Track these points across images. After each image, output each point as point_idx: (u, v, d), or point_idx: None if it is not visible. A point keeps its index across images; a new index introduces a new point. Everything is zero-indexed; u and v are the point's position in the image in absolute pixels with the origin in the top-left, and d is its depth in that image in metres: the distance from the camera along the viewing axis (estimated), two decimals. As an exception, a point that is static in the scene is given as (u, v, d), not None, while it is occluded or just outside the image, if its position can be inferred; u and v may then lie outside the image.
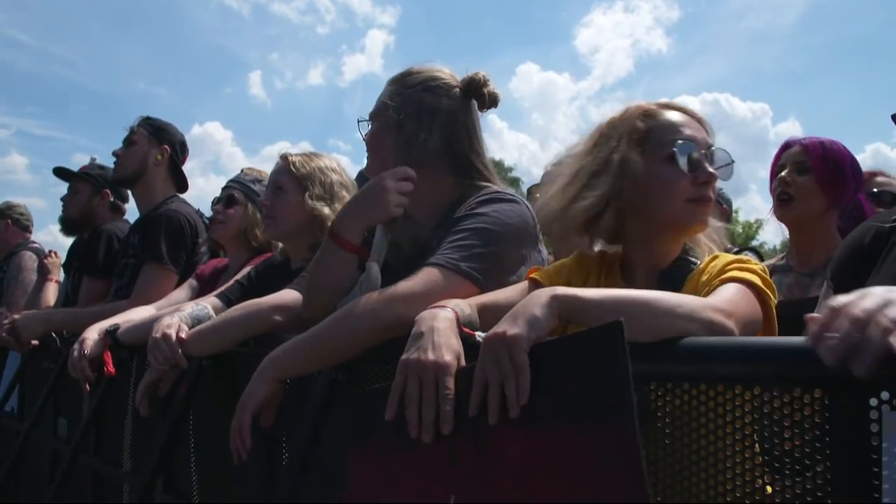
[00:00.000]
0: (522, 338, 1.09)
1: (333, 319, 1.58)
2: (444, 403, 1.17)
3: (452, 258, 1.57)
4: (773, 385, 0.99)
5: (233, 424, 1.62)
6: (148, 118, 3.43)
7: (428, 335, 1.25)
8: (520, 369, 1.07)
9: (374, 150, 1.87)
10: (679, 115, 1.53)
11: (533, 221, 1.73)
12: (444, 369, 1.19)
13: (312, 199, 2.32)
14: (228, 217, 2.89)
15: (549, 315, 1.14)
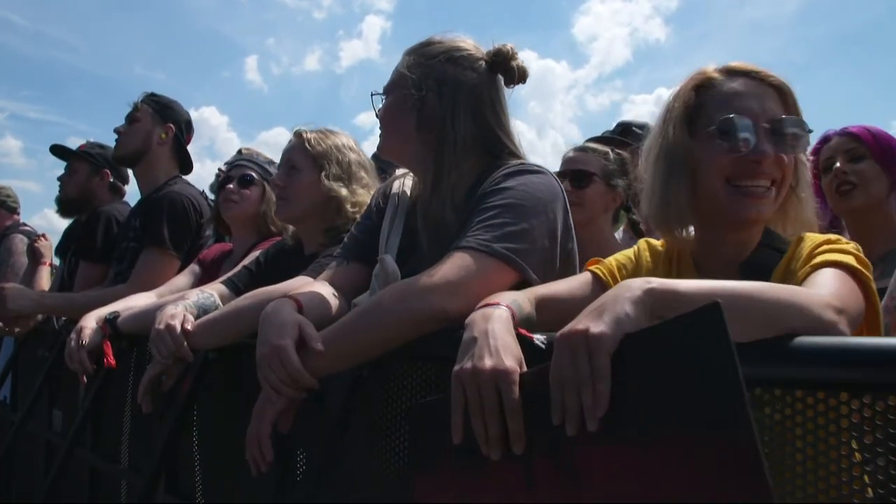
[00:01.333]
0: (608, 338, 0.92)
1: (359, 315, 1.40)
2: (511, 417, 1.00)
3: (484, 239, 1.41)
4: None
5: (249, 432, 1.45)
6: (153, 94, 3.25)
7: (482, 339, 1.08)
8: (599, 374, 0.91)
9: (390, 127, 1.70)
10: (740, 83, 1.33)
11: (562, 191, 1.58)
12: (505, 377, 1.02)
13: (329, 179, 2.14)
14: (244, 197, 2.70)
15: (641, 313, 0.96)
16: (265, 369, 1.37)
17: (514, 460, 1.01)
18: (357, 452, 1.47)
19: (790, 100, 1.31)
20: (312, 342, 1.36)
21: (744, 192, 1.29)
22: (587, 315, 0.97)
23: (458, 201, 1.58)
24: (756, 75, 1.33)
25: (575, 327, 0.95)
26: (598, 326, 0.93)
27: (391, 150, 1.72)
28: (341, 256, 1.78)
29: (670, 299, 0.98)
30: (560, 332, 0.97)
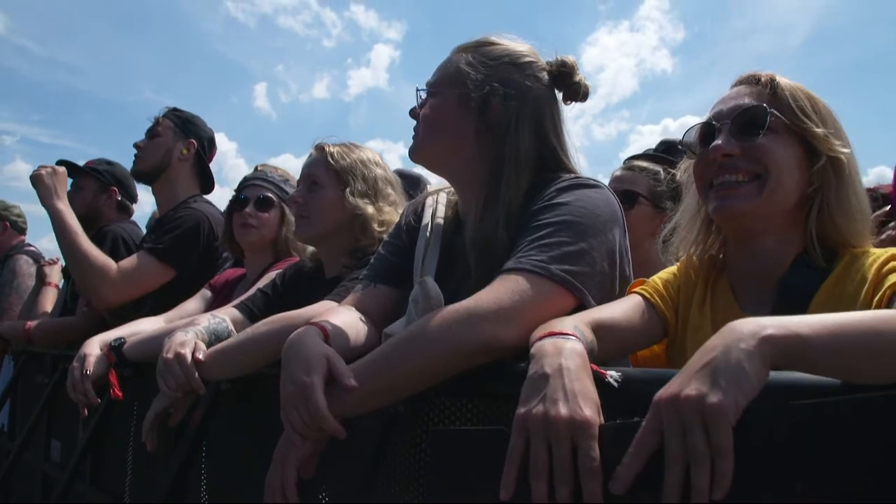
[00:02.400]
0: (729, 409, 0.75)
1: (398, 345, 1.23)
2: (588, 477, 0.83)
3: (539, 260, 1.25)
4: None
5: (270, 480, 1.27)
6: (175, 109, 3.14)
7: (556, 379, 0.92)
8: (721, 452, 0.74)
9: (440, 127, 1.52)
10: (730, 92, 1.32)
11: (620, 209, 1.43)
12: (584, 429, 0.86)
13: (354, 195, 1.99)
14: (263, 222, 2.52)
15: (760, 367, 0.80)
16: (289, 410, 1.21)
17: None
18: (388, 497, 1.30)
19: (781, 93, 1.24)
20: (344, 378, 1.19)
21: (716, 189, 1.25)
22: (696, 376, 0.80)
23: (512, 219, 1.42)
24: (745, 80, 1.31)
25: (685, 392, 0.78)
26: (716, 394, 0.76)
27: (434, 153, 1.54)
28: (368, 279, 1.62)
29: (795, 346, 0.82)
30: (662, 396, 0.80)
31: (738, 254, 1.31)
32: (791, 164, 1.21)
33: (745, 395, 0.77)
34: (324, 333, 1.33)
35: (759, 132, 1.21)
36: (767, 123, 1.20)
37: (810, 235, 1.22)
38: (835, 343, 0.81)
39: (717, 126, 1.25)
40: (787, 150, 1.21)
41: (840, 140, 1.23)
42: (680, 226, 1.37)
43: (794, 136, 1.22)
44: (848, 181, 1.22)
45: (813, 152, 1.22)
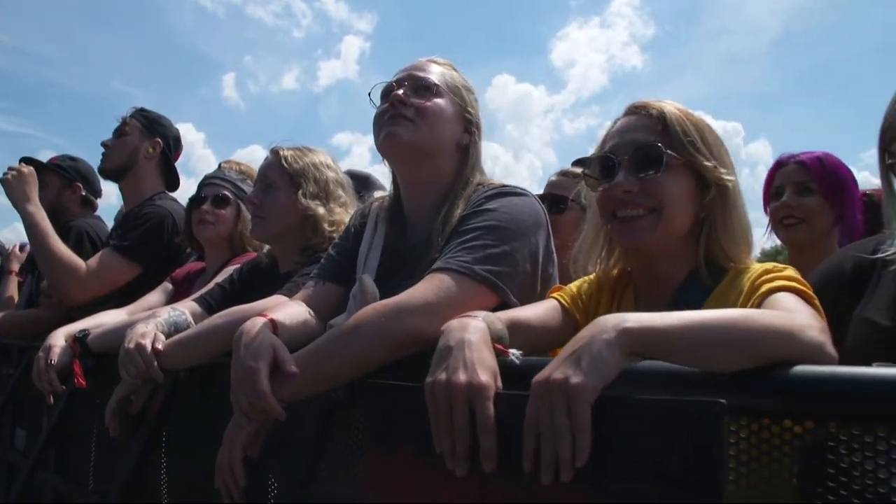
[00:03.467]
0: (587, 388, 0.90)
1: (335, 337, 1.37)
2: (483, 435, 0.99)
3: (464, 261, 1.40)
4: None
5: (220, 458, 1.41)
6: (142, 110, 3.24)
7: (458, 350, 1.06)
8: (580, 428, 0.89)
9: (442, 124, 1.66)
10: (622, 122, 1.42)
11: (545, 216, 1.59)
12: (480, 392, 1.00)
13: (306, 197, 2.11)
14: (219, 218, 2.64)
15: (618, 355, 0.94)
16: (237, 393, 1.34)
17: (472, 476, 1.00)
18: (332, 479, 1.43)
19: (671, 127, 1.34)
20: (287, 365, 1.33)
21: (620, 222, 1.36)
22: (565, 362, 0.94)
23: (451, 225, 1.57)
24: (636, 111, 1.40)
25: (553, 376, 0.93)
26: (577, 376, 0.91)
27: (425, 145, 1.65)
28: (317, 276, 1.75)
29: (648, 336, 0.96)
30: (537, 380, 0.95)
31: (639, 272, 1.44)
32: (684, 196, 1.33)
33: (603, 378, 0.91)
34: (272, 325, 1.45)
35: (656, 170, 1.31)
36: (663, 162, 1.31)
37: (701, 256, 1.35)
38: (686, 336, 0.95)
39: (615, 160, 1.36)
40: (680, 185, 1.33)
41: (726, 168, 1.36)
42: (585, 242, 1.48)
43: (687, 169, 1.33)
44: (732, 207, 1.35)
45: (703, 182, 1.34)
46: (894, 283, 1.37)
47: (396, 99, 1.63)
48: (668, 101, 1.38)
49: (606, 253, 1.47)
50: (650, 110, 1.36)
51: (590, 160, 1.42)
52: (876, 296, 1.39)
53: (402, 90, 1.64)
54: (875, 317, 1.32)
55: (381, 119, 1.65)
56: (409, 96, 1.64)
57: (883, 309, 1.33)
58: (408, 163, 1.69)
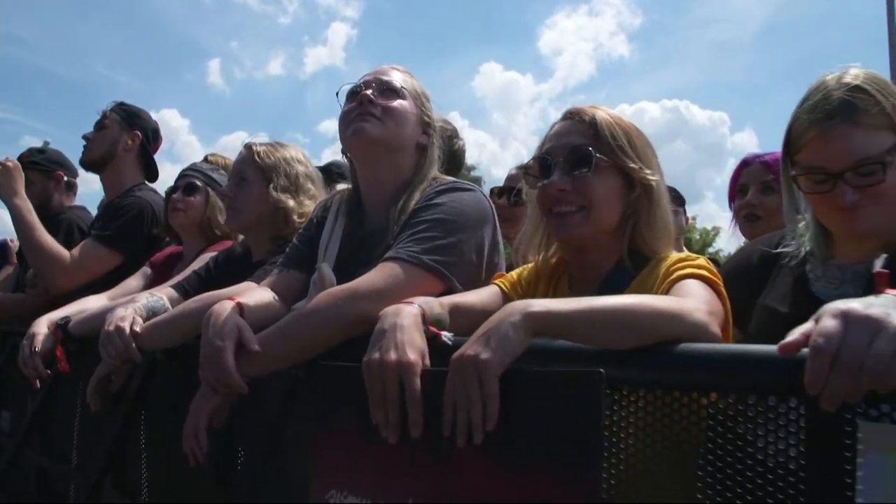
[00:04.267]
0: (494, 363, 1.05)
1: (293, 319, 1.52)
2: (411, 406, 1.14)
3: (413, 251, 1.54)
4: (751, 393, 0.98)
5: (186, 427, 1.55)
6: (122, 103, 3.35)
7: (390, 333, 1.21)
8: (489, 397, 1.04)
9: (406, 124, 1.81)
10: (558, 126, 1.55)
11: (491, 210, 1.73)
12: (408, 369, 1.15)
13: (277, 190, 2.25)
14: (189, 205, 2.80)
15: (522, 335, 1.09)
16: (205, 368, 1.48)
17: (402, 442, 1.16)
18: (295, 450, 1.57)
19: (601, 132, 1.47)
20: (250, 344, 1.47)
21: (554, 217, 1.50)
22: (477, 340, 1.09)
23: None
24: (571, 116, 1.54)
25: (466, 352, 1.07)
26: (486, 353, 1.06)
27: (389, 143, 1.78)
28: (282, 264, 1.89)
29: (549, 319, 1.10)
30: (454, 357, 1.09)
31: (572, 261, 1.58)
32: (612, 195, 1.47)
33: (509, 354, 1.06)
34: (240, 308, 1.58)
35: (586, 171, 1.45)
36: (592, 163, 1.45)
37: (625, 248, 1.50)
38: (584, 318, 1.10)
39: (551, 162, 1.49)
40: (608, 184, 1.46)
41: (651, 169, 1.50)
42: (526, 234, 1.62)
43: (615, 170, 1.47)
44: (656, 205, 1.50)
45: (630, 181, 1.48)
46: (792, 275, 1.52)
47: (365, 98, 1.76)
48: (600, 108, 1.52)
49: (545, 244, 1.60)
50: (583, 116, 1.50)
51: (529, 161, 1.56)
52: (776, 286, 1.54)
53: (371, 91, 1.78)
54: (774, 304, 1.47)
55: (349, 117, 1.78)
56: (376, 97, 1.77)
57: (781, 297, 1.48)
58: (371, 158, 1.81)
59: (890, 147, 1.32)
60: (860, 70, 1.38)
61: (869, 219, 1.35)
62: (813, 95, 1.39)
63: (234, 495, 1.65)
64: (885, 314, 0.83)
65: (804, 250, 1.52)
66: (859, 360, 0.81)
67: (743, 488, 0.97)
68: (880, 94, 1.33)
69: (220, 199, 2.73)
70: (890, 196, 1.34)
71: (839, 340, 0.82)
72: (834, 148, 1.34)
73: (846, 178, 1.34)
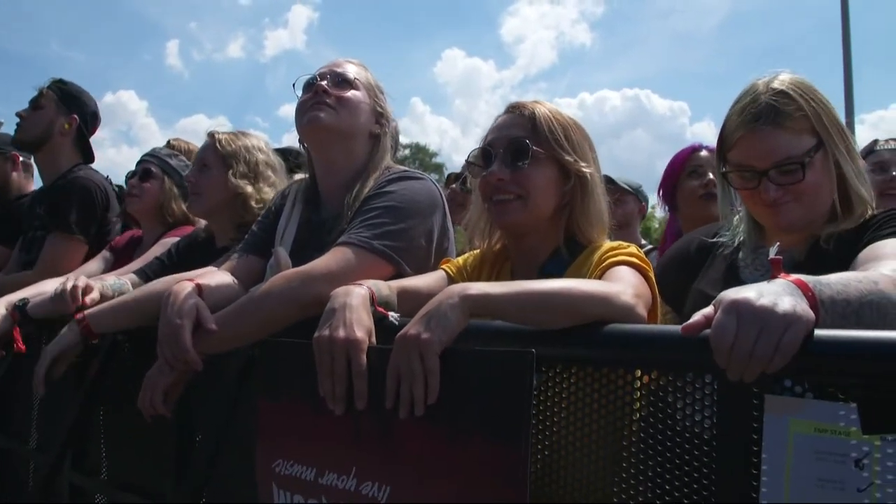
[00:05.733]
0: (434, 342, 1.13)
1: (249, 300, 1.58)
2: (357, 380, 1.21)
3: (364, 236, 1.62)
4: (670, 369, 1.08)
5: (141, 400, 1.61)
6: (60, 81, 3.23)
7: (340, 312, 1.29)
8: (430, 372, 1.13)
9: (359, 114, 1.88)
10: (501, 119, 1.64)
11: (441, 198, 1.81)
12: (355, 346, 1.23)
13: (236, 176, 2.31)
14: (144, 191, 2.83)
15: (460, 316, 1.17)
16: (163, 344, 1.54)
17: (347, 415, 1.23)
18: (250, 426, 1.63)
19: (539, 126, 1.56)
20: (207, 323, 1.54)
21: (494, 204, 1.58)
22: (419, 321, 1.17)
23: None
24: (513, 110, 1.63)
25: (409, 332, 1.16)
26: (426, 332, 1.14)
27: (343, 132, 1.85)
28: (241, 250, 1.95)
29: (485, 301, 1.19)
30: (398, 336, 1.17)
31: (512, 248, 1.67)
32: (548, 185, 1.56)
33: (447, 333, 1.15)
34: (199, 289, 1.64)
35: (524, 162, 1.54)
36: (529, 155, 1.53)
37: (562, 236, 1.59)
38: (516, 301, 1.19)
39: (493, 152, 1.57)
40: (544, 175, 1.55)
41: (586, 161, 1.58)
42: (471, 221, 1.70)
43: (551, 161, 1.56)
44: (590, 195, 1.59)
45: (565, 172, 1.57)
46: (724, 262, 1.62)
47: (320, 89, 1.84)
48: (540, 103, 1.61)
49: (489, 231, 1.68)
50: (524, 110, 1.59)
51: (473, 152, 1.64)
52: (710, 271, 1.64)
53: (325, 82, 1.85)
54: (707, 289, 1.56)
55: (304, 106, 1.85)
56: (330, 87, 1.84)
57: (713, 282, 1.57)
58: (326, 145, 1.89)
59: (810, 148, 1.43)
60: (788, 75, 1.48)
61: (790, 213, 1.45)
62: (743, 98, 1.49)
63: (193, 470, 1.69)
64: (773, 304, 0.91)
65: (738, 240, 1.62)
66: (748, 352, 0.90)
67: (663, 457, 1.06)
68: (803, 99, 1.43)
69: (175, 185, 2.78)
70: (810, 194, 1.44)
71: (732, 336, 0.91)
72: (759, 148, 1.44)
73: (770, 175, 1.43)
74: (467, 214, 1.72)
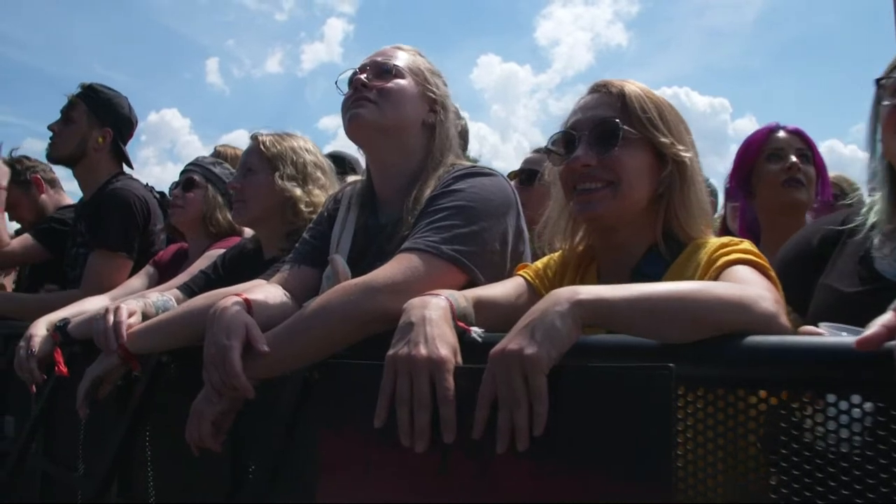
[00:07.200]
0: (541, 359, 0.93)
1: (305, 316, 1.40)
2: (443, 406, 1.02)
3: (432, 241, 1.43)
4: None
5: (189, 433, 1.44)
6: (90, 88, 3.08)
7: (419, 326, 1.10)
8: (537, 396, 0.92)
9: (404, 103, 1.70)
10: (583, 100, 1.45)
11: (514, 196, 1.61)
12: (440, 366, 1.04)
13: (283, 179, 2.16)
14: (188, 201, 2.70)
15: (571, 326, 0.97)
16: (209, 369, 1.37)
17: (430, 449, 1.03)
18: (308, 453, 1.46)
19: (630, 104, 1.37)
20: (258, 344, 1.36)
21: (578, 194, 1.39)
22: (520, 333, 0.97)
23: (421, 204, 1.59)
24: (596, 89, 1.43)
25: (508, 346, 0.96)
26: (531, 347, 0.94)
27: (388, 125, 1.69)
28: (292, 260, 1.78)
29: (600, 307, 0.99)
30: (493, 351, 0.98)
31: (600, 246, 1.47)
32: (641, 171, 1.36)
33: (557, 348, 0.94)
34: (248, 305, 1.47)
35: (614, 145, 1.34)
36: (620, 137, 1.34)
37: (659, 230, 1.39)
38: (639, 307, 0.98)
39: (576, 136, 1.39)
40: (637, 159, 1.36)
41: (684, 145, 1.39)
42: (550, 219, 1.52)
43: (644, 145, 1.36)
44: (690, 183, 1.38)
45: (661, 158, 1.37)
46: (856, 252, 1.40)
47: (359, 83, 1.69)
48: (629, 81, 1.42)
49: (571, 229, 1.50)
50: (611, 88, 1.40)
51: (553, 137, 1.46)
52: (839, 263, 1.43)
53: (365, 75, 1.70)
54: (836, 284, 1.36)
55: (346, 105, 1.71)
56: (371, 80, 1.69)
57: (844, 276, 1.37)
58: (374, 143, 1.73)
59: None
60: None
61: None
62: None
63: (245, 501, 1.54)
64: None
65: (869, 223, 1.42)
66: None
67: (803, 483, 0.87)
68: None
69: (219, 194, 2.64)
70: None
71: None
72: None
73: None
74: (545, 214, 1.53)
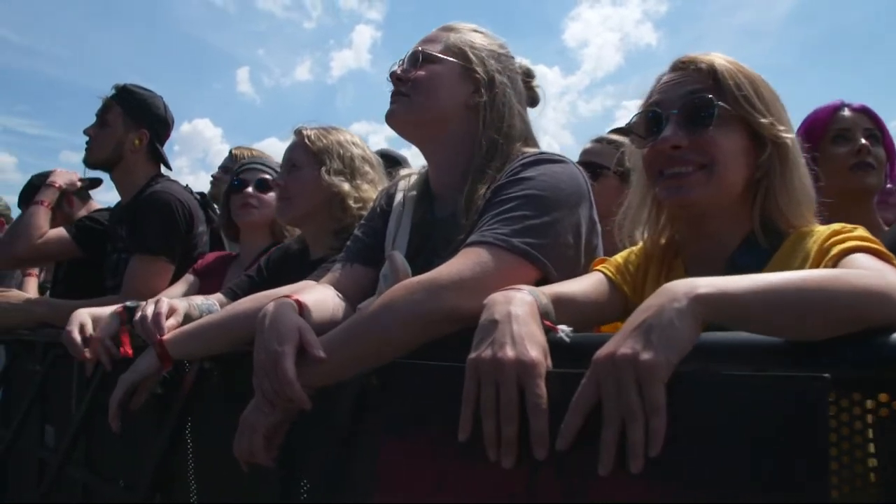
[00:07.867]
0: (661, 366, 0.79)
1: (365, 318, 1.27)
2: (535, 416, 0.88)
3: (501, 233, 1.30)
4: None
5: (238, 446, 1.32)
6: (124, 89, 3.00)
7: (504, 324, 0.96)
8: (653, 409, 0.78)
9: (437, 90, 1.56)
10: (666, 77, 1.31)
11: (586, 184, 1.47)
12: (530, 370, 0.90)
13: (330, 174, 2.04)
14: (263, 202, 2.57)
15: (692, 325, 0.83)
16: (260, 377, 1.25)
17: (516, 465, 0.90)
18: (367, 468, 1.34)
19: (723, 79, 1.23)
20: (313, 349, 1.23)
21: (666, 178, 1.25)
22: (632, 335, 0.83)
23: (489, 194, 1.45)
24: (681, 65, 1.29)
25: (620, 350, 0.82)
26: (648, 352, 0.80)
27: (424, 117, 1.57)
28: (344, 259, 1.67)
29: (724, 303, 0.85)
30: (600, 355, 0.84)
31: (689, 236, 1.33)
32: (737, 153, 1.22)
33: (677, 352, 0.80)
34: (299, 307, 1.35)
35: (708, 124, 1.21)
36: (715, 115, 1.20)
37: (757, 218, 1.24)
38: (768, 300, 0.84)
39: (663, 115, 1.25)
40: (733, 141, 1.22)
41: (784, 125, 1.24)
42: (630, 208, 1.39)
43: (741, 125, 1.22)
44: (792, 166, 1.24)
45: (758, 139, 1.23)
46: None
47: (394, 77, 1.59)
48: (716, 54, 1.27)
49: (654, 219, 1.36)
50: (699, 64, 1.26)
51: (634, 118, 1.32)
52: None
53: (399, 67, 1.60)
54: None
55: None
56: (406, 72, 1.58)
57: None
58: (415, 137, 1.63)
59: None
60: None
61: None
62: None
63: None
64: None
65: None
66: None
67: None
68: None
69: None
70: None
71: None
72: None
73: None
74: (625, 202, 1.39)
